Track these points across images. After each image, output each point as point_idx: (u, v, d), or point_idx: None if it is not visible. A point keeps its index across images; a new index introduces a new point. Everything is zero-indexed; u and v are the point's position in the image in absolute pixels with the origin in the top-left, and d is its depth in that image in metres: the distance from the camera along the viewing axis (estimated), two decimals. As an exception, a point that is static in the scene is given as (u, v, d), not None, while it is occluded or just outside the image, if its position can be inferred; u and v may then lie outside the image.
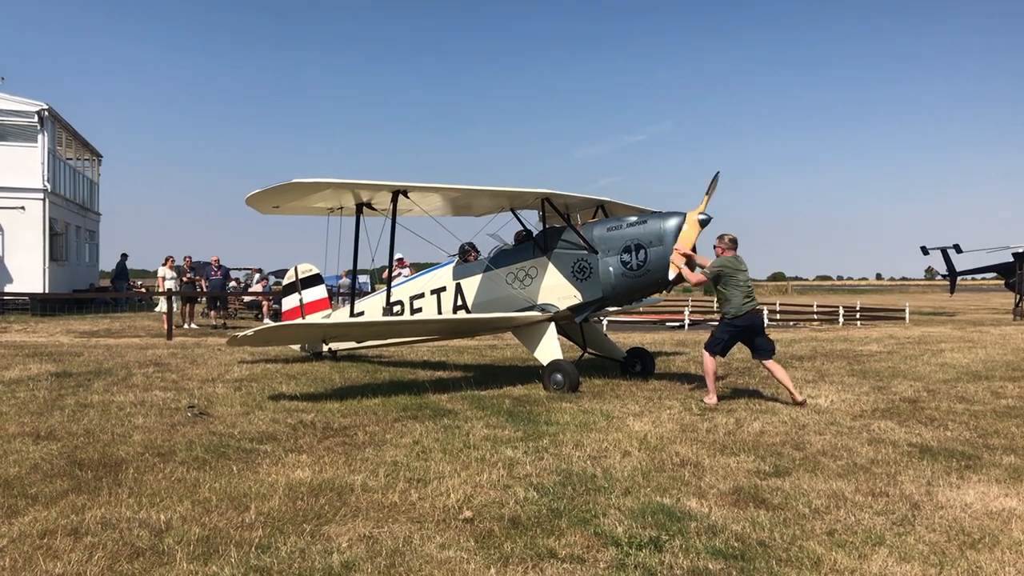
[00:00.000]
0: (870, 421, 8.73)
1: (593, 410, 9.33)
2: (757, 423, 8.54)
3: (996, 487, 6.08)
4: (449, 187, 11.73)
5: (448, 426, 8.36)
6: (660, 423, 8.54)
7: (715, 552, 4.72)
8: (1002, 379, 12.15)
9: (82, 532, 4.96)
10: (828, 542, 4.89)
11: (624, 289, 11.47)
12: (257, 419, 8.73)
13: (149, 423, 8.47)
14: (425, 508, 5.54)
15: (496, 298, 12.21)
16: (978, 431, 8.25)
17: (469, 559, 4.61)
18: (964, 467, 6.70)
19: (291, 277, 16.02)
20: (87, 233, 39.09)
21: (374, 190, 11.52)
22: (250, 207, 11.68)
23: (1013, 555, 4.68)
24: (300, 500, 5.67)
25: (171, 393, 10.52)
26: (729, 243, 10.11)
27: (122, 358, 14.67)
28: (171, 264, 24.86)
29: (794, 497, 5.80)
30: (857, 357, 15.59)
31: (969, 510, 5.52)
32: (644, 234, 11.15)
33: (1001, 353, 16.17)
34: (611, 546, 4.83)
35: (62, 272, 32.87)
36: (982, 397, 10.46)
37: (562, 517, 5.35)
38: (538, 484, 6.11)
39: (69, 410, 9.18)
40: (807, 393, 10.53)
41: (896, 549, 4.77)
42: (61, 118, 32.49)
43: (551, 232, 12.06)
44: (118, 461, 6.79)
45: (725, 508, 5.57)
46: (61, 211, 33.13)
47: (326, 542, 4.86)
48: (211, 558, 4.57)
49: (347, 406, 9.56)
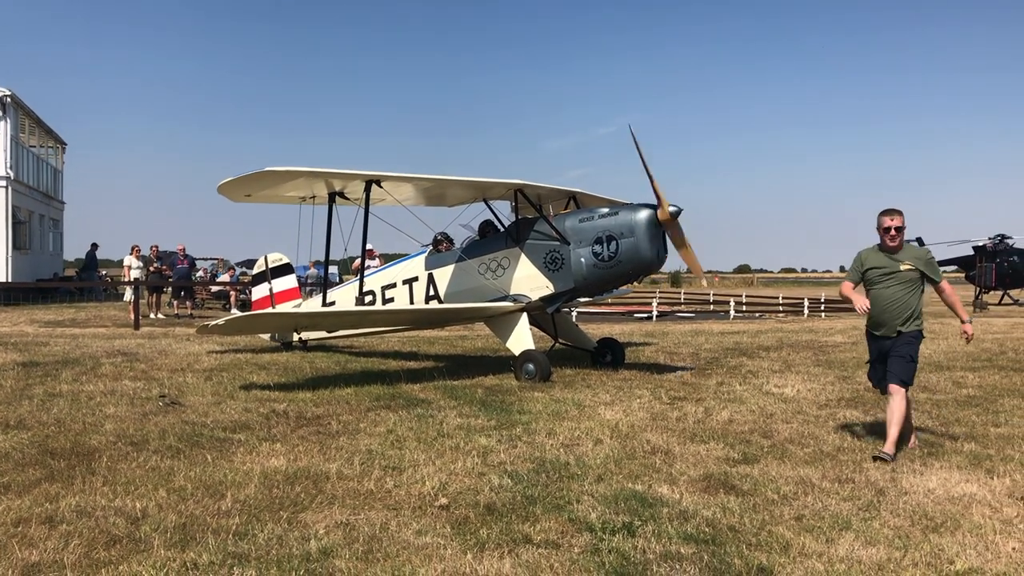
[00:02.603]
0: (836, 410, 8.91)
1: (565, 399, 9.42)
2: (726, 412, 8.68)
3: (957, 473, 6.25)
4: (422, 177, 11.74)
5: (421, 415, 8.41)
6: (631, 412, 8.65)
7: (687, 537, 4.82)
8: (963, 369, 12.42)
9: (57, 520, 4.95)
10: (796, 527, 5.01)
11: (595, 280, 11.57)
12: (229, 408, 8.71)
13: (120, 412, 8.42)
14: (401, 495, 5.58)
15: (468, 288, 12.25)
16: (940, 420, 8.45)
17: (446, 545, 4.67)
18: (927, 454, 6.87)
19: (261, 266, 15.93)
20: (51, 222, 38.50)
21: (347, 179, 11.50)
22: (222, 195, 11.61)
23: (974, 538, 4.83)
24: (276, 488, 5.69)
25: (141, 383, 10.45)
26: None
27: (89, 348, 14.51)
28: (137, 253, 24.57)
29: (763, 483, 5.92)
30: (822, 348, 15.84)
31: (932, 495, 5.68)
32: (615, 226, 11.24)
33: (961, 344, 16.49)
34: (585, 531, 4.91)
35: (25, 261, 32.37)
36: (944, 387, 10.70)
37: (536, 504, 5.43)
38: (512, 472, 6.18)
39: (38, 399, 9.09)
40: (773, 383, 10.70)
41: (862, 533, 4.90)
42: (24, 104, 31.92)
43: (523, 223, 12.11)
44: (90, 450, 6.75)
45: (696, 494, 5.68)
46: (24, 199, 32.60)
47: (303, 529, 4.89)
48: (188, 545, 4.58)
49: (319, 396, 9.57)
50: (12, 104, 30.41)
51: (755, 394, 9.86)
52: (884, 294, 6.94)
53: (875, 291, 7.01)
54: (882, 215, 6.98)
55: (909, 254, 6.99)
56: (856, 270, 7.18)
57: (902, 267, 6.89)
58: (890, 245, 6.93)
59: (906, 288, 6.89)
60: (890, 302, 6.90)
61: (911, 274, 6.89)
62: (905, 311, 6.87)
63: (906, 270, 6.88)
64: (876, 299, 6.98)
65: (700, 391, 10.15)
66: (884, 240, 6.95)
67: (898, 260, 6.92)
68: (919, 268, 6.90)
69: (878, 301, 6.96)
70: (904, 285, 6.89)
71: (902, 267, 6.89)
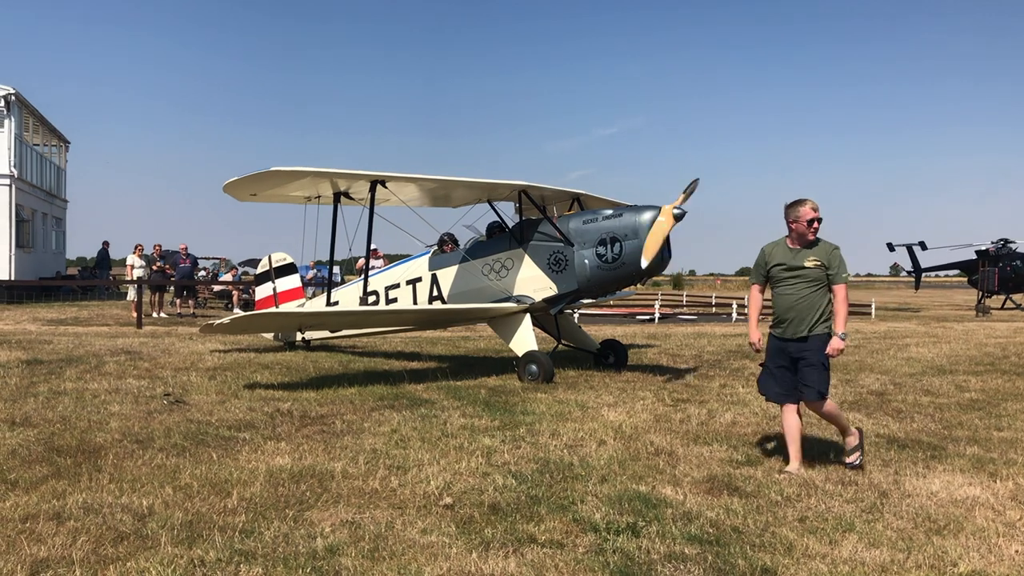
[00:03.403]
0: (839, 413, 8.91)
1: (568, 400, 9.44)
2: (729, 414, 8.70)
3: (960, 476, 6.27)
4: (427, 177, 11.77)
5: (425, 415, 8.43)
6: (634, 413, 8.67)
7: (691, 537, 4.84)
8: (965, 373, 12.43)
9: (65, 517, 4.98)
10: (800, 528, 5.03)
11: (599, 282, 11.59)
12: (234, 407, 8.74)
13: (125, 410, 8.45)
14: (406, 494, 5.61)
15: (472, 289, 12.28)
16: (943, 423, 8.47)
17: (451, 544, 4.69)
18: (930, 457, 6.89)
19: (265, 266, 15.97)
20: (54, 220, 38.54)
21: (352, 179, 11.53)
22: (228, 194, 11.65)
23: (976, 540, 4.85)
24: (281, 486, 5.72)
25: (145, 381, 10.47)
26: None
27: (93, 346, 14.54)
28: (140, 252, 24.62)
29: (766, 485, 5.94)
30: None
31: (935, 498, 5.69)
32: (619, 227, 11.26)
33: (964, 348, 16.52)
34: (589, 532, 4.93)
35: (28, 259, 32.41)
36: (946, 390, 10.70)
37: (541, 504, 5.45)
38: (516, 472, 6.20)
39: (43, 397, 9.12)
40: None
41: (865, 535, 4.92)
42: (28, 103, 31.97)
43: (527, 224, 12.14)
44: (96, 447, 6.78)
45: (699, 495, 5.70)
46: (28, 197, 32.65)
47: (309, 527, 4.92)
48: (195, 542, 4.61)
49: (323, 395, 9.59)
50: (16, 102, 30.47)
51: (758, 397, 9.79)
52: (788, 293, 6.36)
53: (779, 289, 6.43)
54: (800, 206, 6.30)
55: (819, 251, 6.33)
56: (759, 269, 6.58)
57: (807, 263, 6.28)
58: (810, 239, 6.30)
59: (812, 287, 6.28)
60: (796, 301, 6.31)
61: (817, 272, 6.28)
62: (813, 313, 6.27)
63: (812, 267, 6.28)
64: (780, 299, 6.42)
65: (703, 393, 10.16)
66: (807, 233, 6.27)
67: (803, 256, 6.31)
68: (824, 265, 6.28)
69: (783, 301, 6.39)
70: (810, 284, 6.29)
71: (807, 263, 6.28)
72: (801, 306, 6.30)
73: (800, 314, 6.30)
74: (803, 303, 6.29)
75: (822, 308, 6.29)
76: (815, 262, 6.26)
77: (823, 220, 6.29)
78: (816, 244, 6.34)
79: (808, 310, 6.28)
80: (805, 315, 6.28)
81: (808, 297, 6.29)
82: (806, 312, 6.28)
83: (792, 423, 6.46)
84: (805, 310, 6.28)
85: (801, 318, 6.30)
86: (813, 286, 6.30)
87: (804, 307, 6.29)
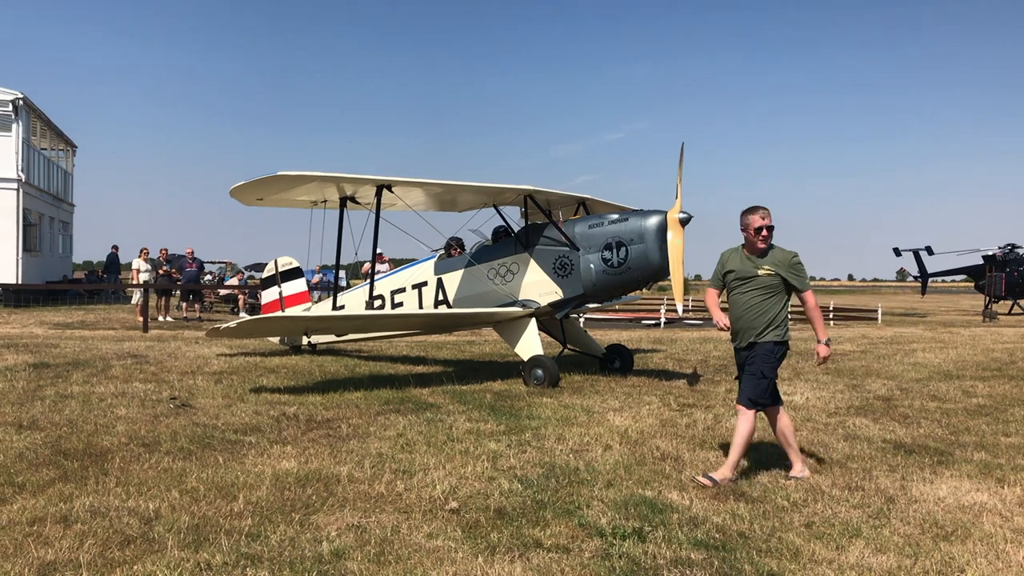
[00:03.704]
0: (845, 418, 8.90)
1: (574, 405, 9.44)
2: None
3: (968, 482, 6.25)
4: (433, 182, 11.79)
5: (431, 419, 8.44)
6: (640, 418, 8.66)
7: (697, 543, 4.83)
8: (972, 379, 12.40)
9: (72, 520, 5.00)
10: (806, 534, 5.02)
11: (605, 286, 11.59)
12: (240, 411, 8.75)
13: (132, 414, 8.47)
14: (411, 499, 5.61)
15: (477, 293, 12.29)
16: (950, 428, 8.44)
17: (457, 548, 4.69)
18: (937, 463, 6.87)
19: (271, 270, 16.00)
20: (61, 224, 38.68)
21: (358, 184, 11.55)
22: (234, 199, 11.68)
23: (984, 547, 4.83)
24: (287, 490, 5.73)
25: (151, 385, 10.50)
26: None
27: (99, 350, 14.58)
28: (146, 256, 24.68)
29: (772, 491, 5.93)
30: (831, 356, 15.79)
31: (942, 504, 5.68)
32: (625, 232, 11.27)
33: (971, 353, 16.48)
34: (595, 536, 4.93)
35: (35, 263, 32.50)
36: (953, 396, 10.67)
37: (546, 508, 5.45)
38: (522, 476, 6.20)
39: (50, 400, 9.15)
40: (782, 391, 10.68)
41: (872, 541, 4.90)
42: (36, 107, 32.10)
43: (533, 228, 12.15)
44: (103, 451, 6.80)
45: (706, 501, 5.69)
46: (35, 201, 32.76)
47: (315, 531, 4.93)
48: (202, 546, 4.62)
49: (329, 399, 9.60)
50: (24, 107, 30.59)
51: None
52: (739, 300, 6.29)
53: (732, 297, 6.36)
54: (751, 213, 6.21)
55: (772, 258, 6.23)
56: (717, 274, 6.54)
57: (760, 272, 6.18)
58: (760, 247, 6.22)
59: (763, 295, 6.18)
60: (745, 309, 6.23)
61: (770, 280, 6.17)
62: (761, 320, 6.17)
63: (764, 275, 6.17)
64: (732, 306, 6.35)
65: (709, 398, 10.15)
66: (755, 241, 6.20)
67: (757, 265, 6.23)
68: (780, 274, 6.17)
69: (734, 308, 6.33)
70: (761, 292, 6.18)
71: (760, 272, 6.18)
72: (749, 315, 6.23)
73: (748, 323, 6.24)
74: (751, 312, 6.22)
75: (773, 316, 6.19)
76: (768, 271, 6.18)
77: (774, 228, 6.21)
78: (770, 252, 6.26)
79: (756, 318, 6.20)
80: (753, 323, 6.21)
81: (757, 305, 6.21)
82: (754, 320, 6.21)
83: (780, 425, 6.49)
84: (753, 319, 6.21)
85: (749, 326, 6.24)
86: (764, 294, 6.20)
87: (752, 316, 6.22)
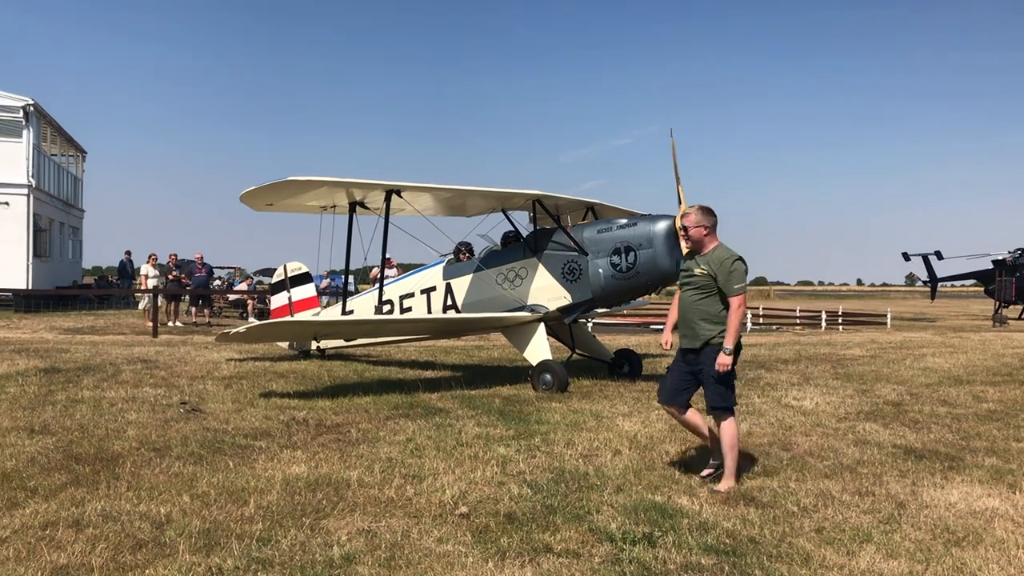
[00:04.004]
0: (855, 423, 8.87)
1: (583, 410, 9.43)
2: (744, 424, 8.66)
3: (979, 487, 6.23)
4: (442, 187, 11.83)
5: (440, 424, 8.45)
6: (649, 423, 8.65)
7: (707, 548, 4.83)
8: (983, 384, 12.34)
9: (84, 524, 5.03)
10: (817, 539, 5.01)
11: (613, 291, 11.59)
12: (250, 416, 8.78)
13: (142, 419, 8.50)
14: (421, 503, 5.62)
15: (486, 298, 12.30)
16: (960, 433, 8.41)
17: (467, 553, 4.70)
18: (947, 468, 6.85)
19: (280, 275, 16.05)
20: (71, 230, 38.89)
21: (368, 189, 11.59)
22: (244, 204, 11.73)
23: (996, 552, 4.82)
24: (298, 495, 5.75)
25: (162, 390, 10.54)
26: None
27: (109, 355, 14.63)
28: (154, 261, 24.78)
29: (783, 496, 5.92)
30: (840, 361, 15.77)
31: (953, 509, 5.66)
32: (634, 237, 11.27)
33: (982, 358, 16.40)
34: (605, 541, 4.93)
35: (45, 268, 32.69)
36: (964, 401, 10.63)
37: (556, 513, 5.45)
38: (532, 481, 6.20)
39: (61, 405, 9.19)
40: (792, 395, 10.67)
41: (883, 546, 4.89)
42: (46, 113, 32.30)
43: (541, 233, 12.16)
44: (114, 455, 6.83)
45: (716, 506, 5.68)
46: (45, 207, 32.96)
47: (326, 535, 4.94)
48: (213, 550, 4.64)
49: (338, 404, 9.62)
50: (35, 113, 30.78)
51: (774, 407, 9.83)
52: (683, 299, 6.35)
53: (680, 295, 6.45)
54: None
55: (711, 258, 6.20)
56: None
57: (696, 271, 6.22)
58: (686, 248, 6.28)
59: (701, 294, 6.20)
60: (687, 308, 6.29)
61: (704, 280, 6.17)
62: (703, 321, 6.18)
63: (700, 275, 6.20)
64: (679, 304, 6.43)
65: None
66: (684, 242, 6.29)
67: (697, 264, 6.25)
68: (713, 274, 6.14)
69: (680, 306, 6.41)
70: (699, 291, 6.21)
71: (696, 271, 6.22)
72: (687, 315, 6.28)
73: (687, 322, 6.28)
74: (689, 311, 6.27)
75: (711, 318, 6.17)
76: (702, 270, 6.19)
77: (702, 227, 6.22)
78: (714, 251, 6.23)
79: (694, 318, 6.22)
80: (692, 323, 6.24)
81: (693, 305, 6.23)
82: (692, 320, 6.23)
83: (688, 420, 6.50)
84: (691, 319, 6.24)
85: (689, 326, 6.27)
86: (700, 294, 6.21)
87: (690, 315, 6.25)
